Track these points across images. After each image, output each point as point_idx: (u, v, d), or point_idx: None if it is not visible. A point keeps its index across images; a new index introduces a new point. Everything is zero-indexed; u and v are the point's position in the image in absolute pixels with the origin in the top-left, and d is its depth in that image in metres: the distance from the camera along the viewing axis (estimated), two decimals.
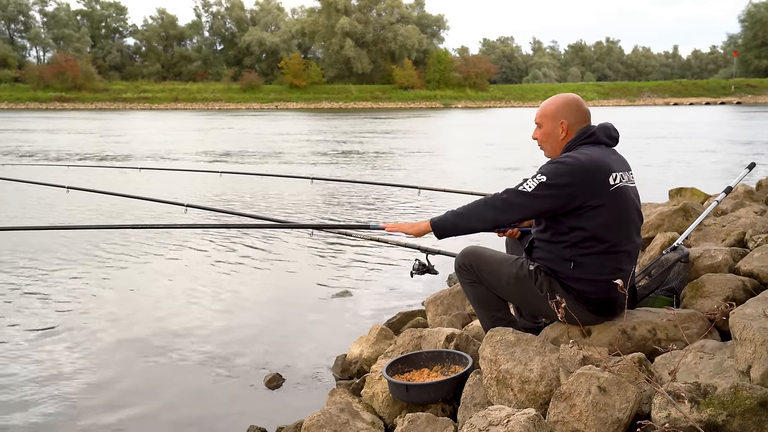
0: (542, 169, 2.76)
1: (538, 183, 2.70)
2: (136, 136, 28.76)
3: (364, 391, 3.28)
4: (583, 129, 2.87)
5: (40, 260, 6.86)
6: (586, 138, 2.84)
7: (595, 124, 2.90)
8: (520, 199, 2.73)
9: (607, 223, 2.72)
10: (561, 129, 2.88)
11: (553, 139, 2.91)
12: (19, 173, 14.06)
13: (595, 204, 2.69)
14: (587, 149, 2.79)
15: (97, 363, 4.30)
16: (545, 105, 2.96)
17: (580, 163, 2.69)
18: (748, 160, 5.55)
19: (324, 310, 5.38)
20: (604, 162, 2.74)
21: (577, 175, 2.68)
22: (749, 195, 6.30)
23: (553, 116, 2.90)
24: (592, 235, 2.72)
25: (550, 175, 2.70)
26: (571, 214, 2.72)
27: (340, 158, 18.48)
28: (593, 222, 2.71)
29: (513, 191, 2.75)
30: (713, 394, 2.01)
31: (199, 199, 10.56)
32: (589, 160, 2.71)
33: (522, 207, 2.74)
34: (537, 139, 2.99)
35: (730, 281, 3.24)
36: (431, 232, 2.94)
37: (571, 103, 2.90)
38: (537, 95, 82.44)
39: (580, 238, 2.73)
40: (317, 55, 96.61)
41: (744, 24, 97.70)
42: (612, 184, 2.72)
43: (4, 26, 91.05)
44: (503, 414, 2.19)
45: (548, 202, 2.71)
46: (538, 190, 2.69)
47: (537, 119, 2.97)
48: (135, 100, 75.35)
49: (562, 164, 2.72)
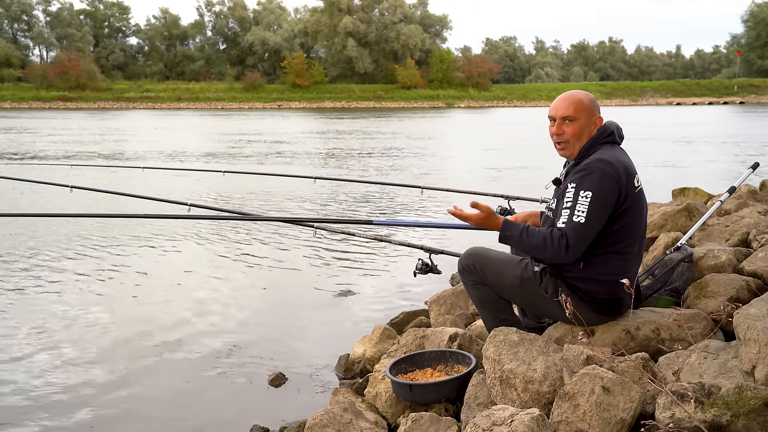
0: (579, 182, 2.65)
1: (589, 203, 2.60)
2: (139, 135, 28.80)
3: (367, 391, 3.28)
4: (602, 128, 2.80)
5: (39, 259, 6.87)
6: (607, 137, 2.78)
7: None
8: (583, 233, 2.63)
9: (627, 225, 2.71)
10: (594, 125, 2.78)
11: (585, 136, 2.78)
12: (23, 172, 14.09)
13: (626, 206, 2.68)
14: (610, 150, 2.74)
15: (100, 362, 4.30)
16: (576, 98, 2.79)
17: (615, 168, 2.64)
18: (751, 160, 5.53)
19: (327, 309, 5.38)
20: (629, 164, 2.73)
21: (619, 179, 2.64)
22: (753, 195, 6.29)
23: (589, 110, 2.78)
24: (609, 236, 2.71)
25: (595, 188, 2.61)
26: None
27: (342, 158, 18.48)
28: (617, 224, 2.69)
29: (571, 229, 2.62)
30: (717, 394, 2.01)
31: (203, 199, 10.59)
32: (619, 163, 2.67)
33: (587, 238, 2.65)
34: (565, 133, 2.78)
35: (734, 281, 3.24)
36: (498, 228, 2.80)
37: (595, 99, 2.85)
38: (540, 95, 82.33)
39: (598, 237, 2.71)
40: (320, 55, 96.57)
41: (747, 24, 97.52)
42: (636, 186, 2.73)
43: (8, 26, 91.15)
44: (507, 414, 2.19)
45: (603, 216, 2.65)
46: (592, 211, 2.60)
47: (571, 112, 2.77)
48: (138, 100, 75.39)
49: (600, 171, 2.63)
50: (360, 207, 10.35)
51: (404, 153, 19.80)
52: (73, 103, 71.68)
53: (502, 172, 14.79)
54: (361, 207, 10.35)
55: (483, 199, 2.95)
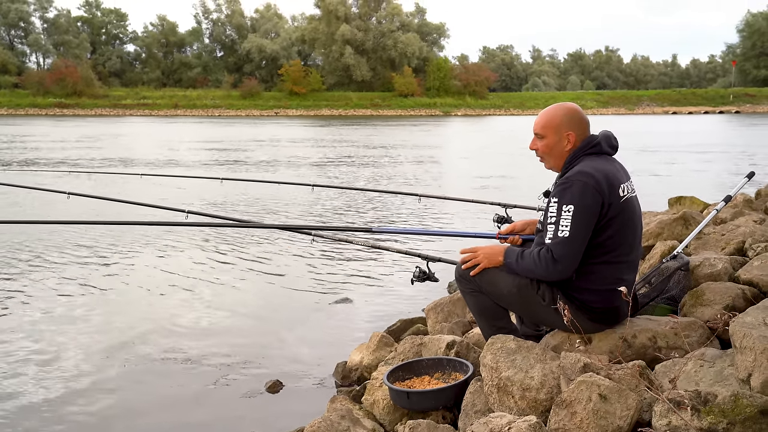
0: (560, 196, 2.68)
1: (572, 217, 2.63)
2: (136, 142, 28.80)
3: (364, 398, 3.28)
4: (588, 139, 2.82)
5: (37, 266, 6.86)
6: (591, 148, 2.80)
7: (596, 133, 2.89)
8: (569, 247, 2.66)
9: (615, 234, 2.72)
10: (567, 140, 2.81)
11: (557, 151, 2.84)
12: (20, 179, 14.06)
13: (610, 216, 2.69)
14: (592, 161, 2.75)
15: (95, 368, 4.29)
16: (549, 115, 2.86)
17: (595, 179, 2.65)
18: (747, 169, 5.56)
19: (324, 316, 5.38)
20: (613, 174, 2.73)
21: (600, 190, 2.65)
22: (748, 204, 6.33)
23: (557, 127, 2.82)
24: (599, 245, 2.72)
25: (576, 200, 2.64)
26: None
27: (340, 165, 18.50)
28: (604, 234, 2.71)
29: (556, 244, 2.66)
30: (714, 402, 2.02)
31: (200, 206, 10.58)
32: (601, 174, 2.68)
33: (574, 251, 2.68)
34: (537, 149, 2.90)
35: (729, 290, 3.25)
36: (502, 261, 2.88)
37: (575, 113, 2.85)
38: (536, 103, 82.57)
39: (588, 248, 2.72)
40: (317, 63, 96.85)
41: (742, 34, 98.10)
42: (622, 196, 2.73)
43: (5, 32, 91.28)
44: (504, 421, 2.20)
45: (588, 228, 2.67)
46: (575, 224, 2.63)
47: (539, 130, 2.87)
48: (135, 107, 75.46)
49: (580, 184, 2.65)
50: (357, 214, 10.36)
51: (401, 161, 19.84)
52: (69, 110, 71.68)
53: (498, 181, 14.83)
54: (359, 214, 10.36)
55: (480, 207, 2.98)
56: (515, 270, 2.83)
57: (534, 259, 2.74)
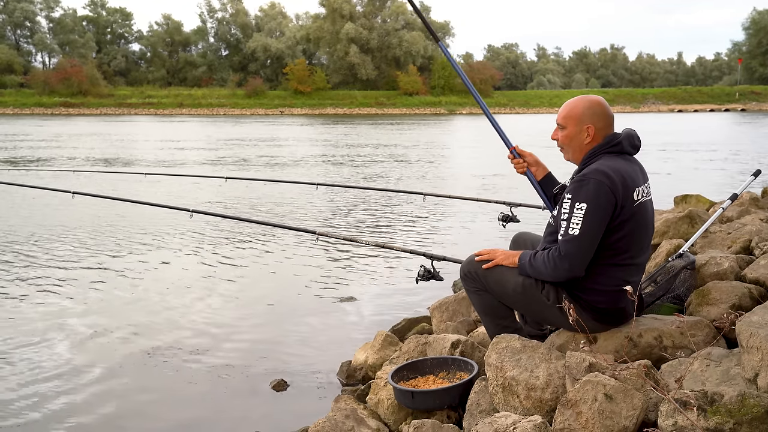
0: (575, 193, 2.67)
1: (583, 215, 2.62)
2: (141, 141, 28.85)
3: (369, 398, 3.27)
4: (610, 137, 2.81)
5: (41, 263, 6.88)
6: (612, 147, 2.79)
7: (619, 131, 2.86)
8: (578, 245, 2.65)
9: (626, 237, 2.71)
10: (587, 134, 2.81)
11: (576, 143, 2.84)
12: (25, 178, 14.11)
13: (622, 218, 2.68)
14: (611, 160, 2.73)
15: (99, 366, 4.29)
16: (571, 106, 2.86)
17: (611, 179, 2.64)
18: (753, 168, 5.54)
19: (329, 315, 5.38)
20: (630, 176, 2.72)
21: (615, 190, 2.64)
22: (755, 202, 6.29)
23: (579, 119, 2.82)
24: (609, 247, 2.71)
25: (590, 199, 2.63)
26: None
27: (345, 164, 18.50)
28: (614, 236, 2.69)
29: (566, 242, 2.66)
30: (720, 402, 2.00)
31: (205, 205, 10.60)
32: (618, 175, 2.67)
33: (584, 250, 2.67)
34: (558, 140, 2.90)
35: (736, 289, 3.24)
36: (516, 261, 2.88)
37: (598, 107, 2.84)
38: (541, 102, 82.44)
39: (598, 248, 2.70)
40: (322, 61, 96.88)
41: (748, 31, 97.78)
42: (636, 200, 2.71)
43: (11, 32, 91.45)
44: (509, 421, 2.19)
45: (599, 228, 2.65)
46: (586, 223, 2.62)
47: (560, 120, 2.87)
48: (140, 106, 75.59)
49: (596, 182, 2.64)
50: (362, 213, 10.35)
51: (406, 159, 19.82)
52: (75, 109, 71.87)
53: (503, 179, 14.79)
54: (364, 213, 10.35)
55: (485, 206, 2.97)
56: (527, 272, 2.83)
57: (544, 259, 2.74)
